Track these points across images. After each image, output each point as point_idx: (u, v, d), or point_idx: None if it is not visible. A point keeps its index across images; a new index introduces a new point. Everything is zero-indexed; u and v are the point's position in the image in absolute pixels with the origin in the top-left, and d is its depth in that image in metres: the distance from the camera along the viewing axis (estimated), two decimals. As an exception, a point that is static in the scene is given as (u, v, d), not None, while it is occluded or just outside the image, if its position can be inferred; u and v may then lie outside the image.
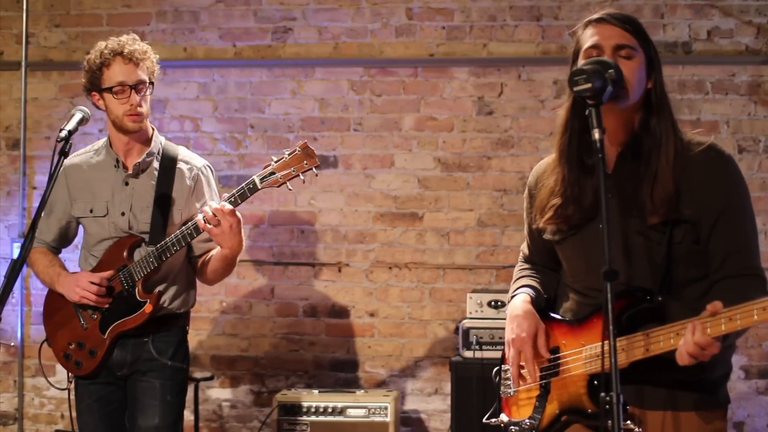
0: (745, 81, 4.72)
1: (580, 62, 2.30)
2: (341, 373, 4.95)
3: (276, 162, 2.96)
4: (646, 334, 2.17)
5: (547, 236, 2.46)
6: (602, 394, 1.99)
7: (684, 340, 2.09)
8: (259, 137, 5.01)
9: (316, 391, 4.56)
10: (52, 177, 2.75)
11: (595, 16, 2.33)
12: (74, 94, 5.12)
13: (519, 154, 4.83)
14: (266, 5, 5.01)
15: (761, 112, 4.71)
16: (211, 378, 4.83)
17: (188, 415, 4.95)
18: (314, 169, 2.95)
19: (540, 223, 2.45)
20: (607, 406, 2.15)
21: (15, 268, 2.69)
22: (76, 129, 2.90)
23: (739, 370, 4.69)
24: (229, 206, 2.98)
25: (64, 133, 2.85)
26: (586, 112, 2.11)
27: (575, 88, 2.13)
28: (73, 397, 3.42)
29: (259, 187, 2.98)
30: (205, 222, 3.00)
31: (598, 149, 2.06)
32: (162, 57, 5.07)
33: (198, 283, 3.45)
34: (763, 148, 4.72)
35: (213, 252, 3.28)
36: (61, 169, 3.34)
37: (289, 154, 2.95)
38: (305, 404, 4.37)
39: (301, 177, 2.96)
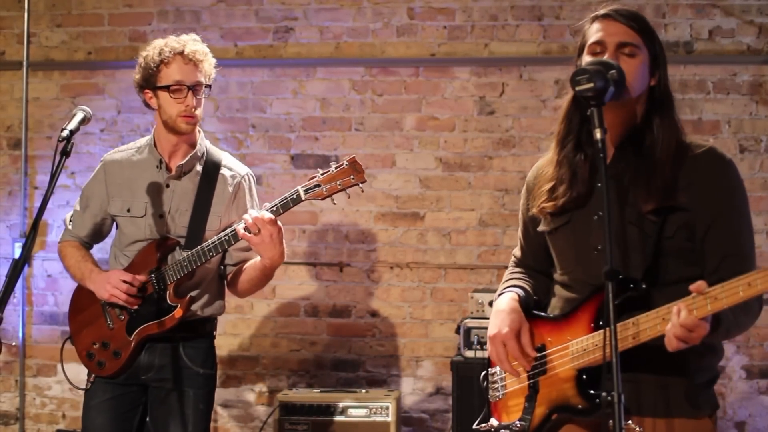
0: (747, 81, 4.72)
1: (584, 58, 2.33)
2: (342, 373, 4.95)
3: (322, 174, 2.88)
4: (633, 323, 2.16)
5: (540, 228, 2.46)
6: (603, 393, 1.98)
7: (671, 323, 2.07)
8: (261, 137, 5.01)
9: (317, 391, 4.57)
10: (53, 177, 2.74)
11: (602, 11, 2.34)
12: (75, 93, 5.12)
13: (520, 154, 4.83)
14: (267, 5, 5.01)
15: (762, 111, 4.71)
16: (212, 378, 4.84)
17: (190, 415, 4.97)
18: (360, 185, 2.87)
19: (534, 209, 2.46)
20: (597, 400, 2.15)
21: (16, 268, 2.68)
22: (77, 129, 2.86)
23: (741, 370, 4.69)
24: (269, 215, 2.90)
25: (65, 133, 2.81)
26: (588, 112, 2.12)
27: (577, 88, 2.14)
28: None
29: (303, 199, 2.90)
30: (245, 230, 2.92)
31: (600, 149, 2.06)
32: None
33: None
34: (764, 148, 4.72)
35: (250, 262, 3.21)
36: (101, 164, 3.33)
37: (336, 168, 2.87)
38: (306, 404, 4.37)
39: (347, 192, 2.87)
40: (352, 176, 2.87)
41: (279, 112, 5.00)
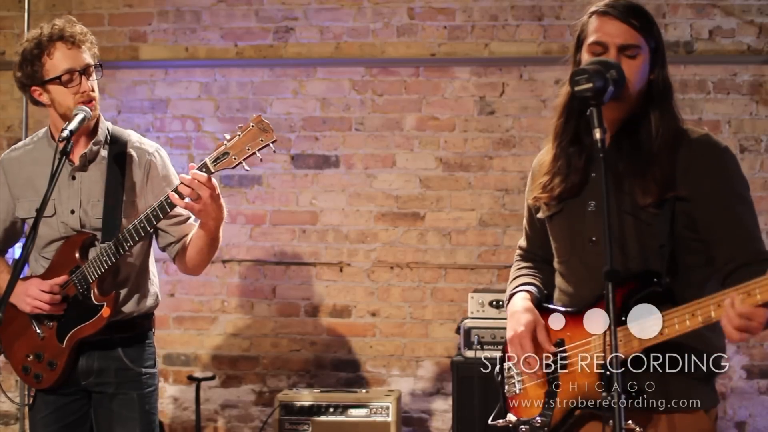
0: (747, 81, 4.72)
1: (584, 56, 2.31)
2: (343, 373, 4.95)
3: (229, 141, 2.68)
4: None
5: (539, 214, 2.48)
6: (603, 393, 1.98)
7: (726, 315, 2.02)
8: (261, 137, 5.01)
9: (317, 391, 4.57)
10: (53, 177, 2.73)
11: (601, 7, 2.30)
12: (76, 93, 5.12)
13: (520, 154, 4.83)
14: (268, 5, 5.01)
15: (763, 111, 4.71)
16: (212, 378, 4.84)
17: (189, 415, 4.97)
18: (272, 145, 2.66)
19: (530, 198, 2.48)
20: (618, 399, 2.12)
21: (16, 268, 2.69)
22: (78, 129, 2.83)
23: (741, 370, 4.69)
24: (204, 174, 2.68)
25: (66, 133, 2.77)
26: (587, 112, 2.11)
27: (576, 88, 2.13)
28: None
29: (213, 171, 2.69)
30: (181, 197, 2.71)
31: (600, 149, 2.06)
32: (164, 57, 5.14)
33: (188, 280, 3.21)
34: (764, 148, 4.72)
35: (191, 234, 2.99)
36: None
37: (242, 132, 2.67)
38: (307, 404, 4.37)
39: (258, 155, 2.67)
40: (261, 138, 2.66)
41: (279, 112, 5.00)
